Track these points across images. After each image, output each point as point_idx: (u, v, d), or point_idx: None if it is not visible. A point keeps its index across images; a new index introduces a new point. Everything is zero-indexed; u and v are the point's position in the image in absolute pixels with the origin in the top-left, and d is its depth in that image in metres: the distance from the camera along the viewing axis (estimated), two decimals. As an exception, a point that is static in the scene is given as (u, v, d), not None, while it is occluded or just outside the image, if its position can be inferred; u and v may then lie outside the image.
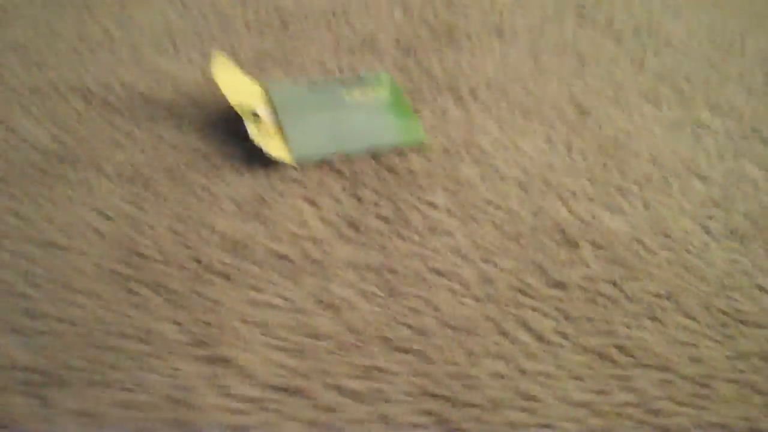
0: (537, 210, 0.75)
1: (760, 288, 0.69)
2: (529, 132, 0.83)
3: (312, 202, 0.74)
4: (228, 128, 0.81)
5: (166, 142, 0.79)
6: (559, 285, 0.68)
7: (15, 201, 0.73)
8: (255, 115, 0.80)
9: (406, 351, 0.62)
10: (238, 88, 0.83)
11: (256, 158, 0.78)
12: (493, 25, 0.96)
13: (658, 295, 0.68)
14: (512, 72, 0.90)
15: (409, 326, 0.64)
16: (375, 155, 0.79)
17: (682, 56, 0.93)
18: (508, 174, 0.78)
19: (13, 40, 0.90)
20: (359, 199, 0.75)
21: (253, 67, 0.89)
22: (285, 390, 0.59)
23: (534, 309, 0.66)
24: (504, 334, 0.64)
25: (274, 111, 0.82)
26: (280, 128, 0.81)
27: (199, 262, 0.69)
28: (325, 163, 0.78)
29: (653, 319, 0.66)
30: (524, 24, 0.97)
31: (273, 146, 0.78)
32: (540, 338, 0.64)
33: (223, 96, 0.83)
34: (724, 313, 0.67)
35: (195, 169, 0.77)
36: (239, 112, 0.80)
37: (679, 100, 0.87)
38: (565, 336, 0.64)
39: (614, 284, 0.68)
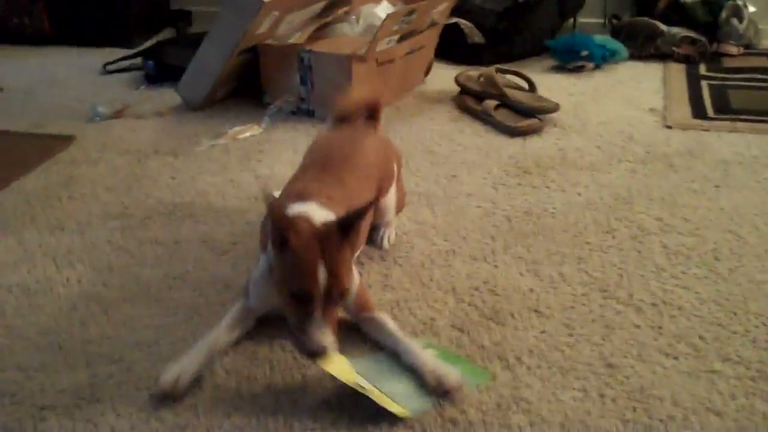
0: (578, 447, 0.89)
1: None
2: (567, 386, 0.99)
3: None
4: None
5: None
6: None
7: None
8: (361, 386, 0.97)
9: None
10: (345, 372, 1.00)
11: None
12: (532, 305, 1.16)
13: None
14: (550, 341, 1.08)
15: None
16: (440, 411, 0.95)
17: (695, 319, 1.11)
18: (552, 420, 0.93)
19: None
20: (429, 447, 0.90)
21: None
22: None
23: None
24: None
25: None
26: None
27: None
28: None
29: None
30: (557, 302, 1.16)
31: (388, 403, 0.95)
32: None
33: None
34: None
35: None
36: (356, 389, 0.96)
37: (694, 355, 1.03)
38: None
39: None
